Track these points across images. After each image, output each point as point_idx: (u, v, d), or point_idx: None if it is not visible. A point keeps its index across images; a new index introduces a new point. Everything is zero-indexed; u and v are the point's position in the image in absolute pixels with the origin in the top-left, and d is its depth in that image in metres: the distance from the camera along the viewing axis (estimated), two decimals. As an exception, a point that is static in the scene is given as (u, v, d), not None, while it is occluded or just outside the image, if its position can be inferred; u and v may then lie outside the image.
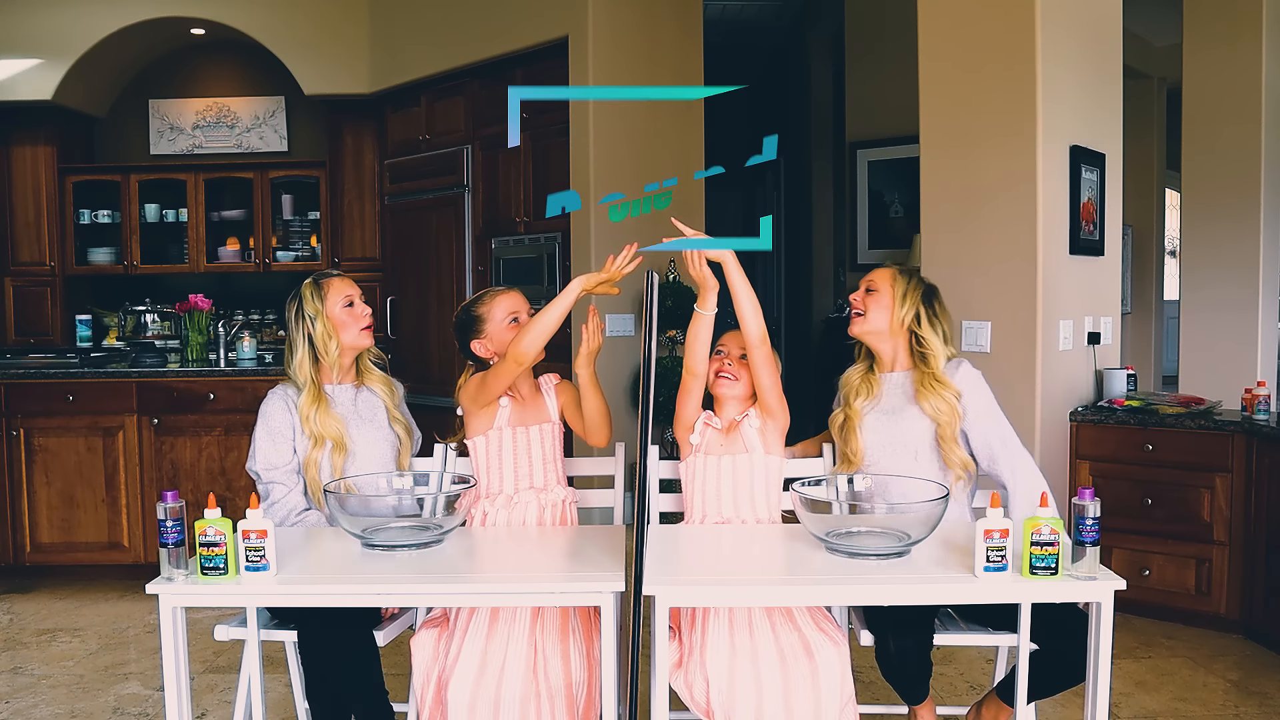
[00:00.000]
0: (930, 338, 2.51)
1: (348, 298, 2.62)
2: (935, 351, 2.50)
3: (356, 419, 2.61)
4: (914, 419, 2.48)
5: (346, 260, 6.61)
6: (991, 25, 3.76)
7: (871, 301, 2.55)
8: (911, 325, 2.52)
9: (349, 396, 2.63)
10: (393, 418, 2.67)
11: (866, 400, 2.54)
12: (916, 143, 4.03)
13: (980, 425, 2.46)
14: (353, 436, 2.57)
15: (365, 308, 2.66)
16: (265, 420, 2.56)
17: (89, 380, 4.49)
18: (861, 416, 2.53)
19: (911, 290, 2.54)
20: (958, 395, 2.45)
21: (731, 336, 2.56)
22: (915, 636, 2.31)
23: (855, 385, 2.58)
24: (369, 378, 2.69)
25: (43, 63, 6.30)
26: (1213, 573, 3.67)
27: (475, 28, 5.69)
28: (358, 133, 6.61)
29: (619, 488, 2.72)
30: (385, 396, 2.68)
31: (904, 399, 2.51)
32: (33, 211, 6.53)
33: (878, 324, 2.55)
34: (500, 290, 2.64)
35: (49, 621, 4.04)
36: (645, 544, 1.92)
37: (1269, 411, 3.65)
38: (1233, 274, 5.12)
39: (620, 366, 5.34)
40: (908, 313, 2.52)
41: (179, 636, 2.03)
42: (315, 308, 2.58)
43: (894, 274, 2.57)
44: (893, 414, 2.51)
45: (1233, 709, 3.09)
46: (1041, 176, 3.68)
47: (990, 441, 2.45)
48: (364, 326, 2.63)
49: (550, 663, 2.30)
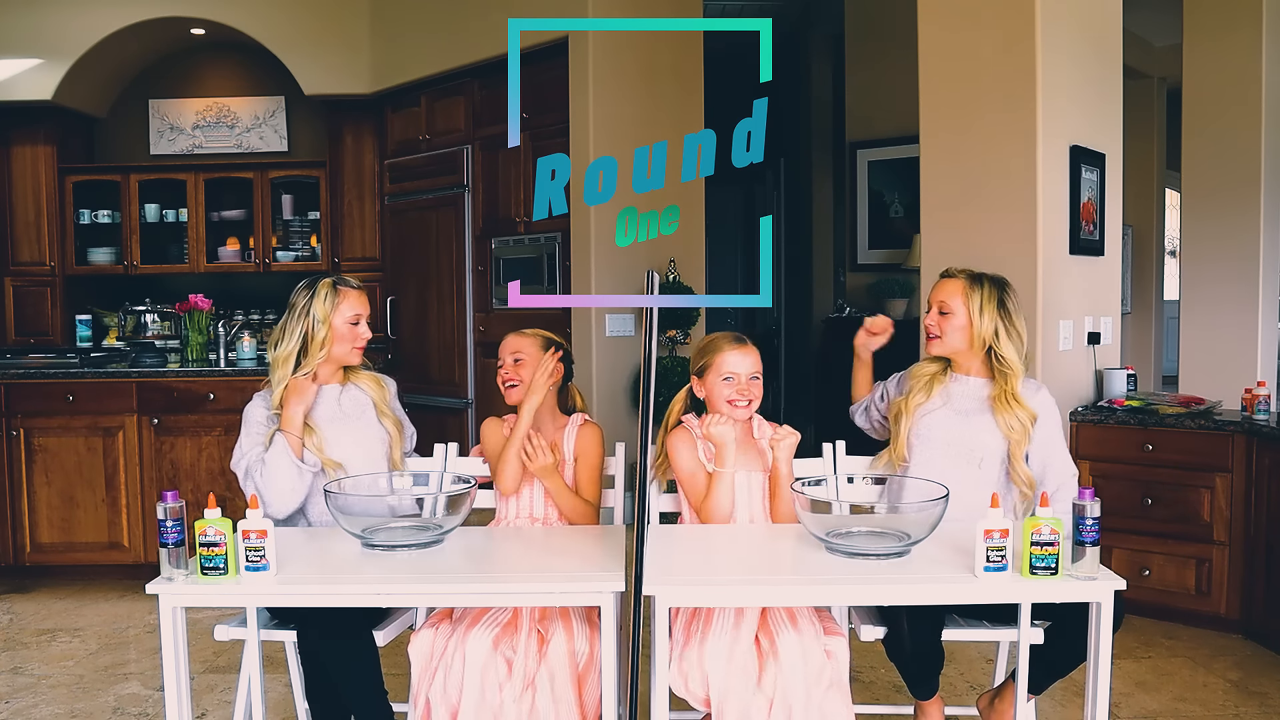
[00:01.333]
0: (1010, 356, 2.49)
1: (357, 316, 2.62)
2: (1014, 370, 2.49)
3: (341, 417, 2.61)
4: (985, 429, 2.49)
5: (346, 260, 6.62)
6: (991, 25, 3.76)
7: (946, 324, 2.51)
8: (990, 341, 2.50)
9: (333, 395, 2.64)
10: (381, 413, 2.67)
11: (929, 398, 2.54)
12: (916, 143, 4.03)
13: (1042, 451, 2.51)
14: (337, 435, 2.58)
15: (368, 331, 2.66)
16: (246, 425, 2.63)
17: (89, 380, 4.48)
18: (928, 409, 2.53)
19: (987, 301, 2.50)
20: (1032, 419, 2.47)
21: (738, 357, 2.46)
22: (929, 625, 2.30)
23: (925, 383, 2.57)
24: (356, 376, 2.69)
25: (43, 63, 6.30)
26: (1213, 573, 3.67)
27: (475, 28, 5.69)
28: (358, 133, 6.61)
29: (619, 488, 2.72)
30: (373, 393, 2.68)
31: (979, 405, 2.52)
32: (33, 211, 6.54)
33: (955, 345, 2.53)
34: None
35: (49, 621, 4.04)
36: (645, 544, 1.92)
37: (1269, 411, 3.65)
38: (1233, 274, 5.12)
39: (620, 366, 5.34)
40: (986, 328, 2.49)
41: (179, 636, 2.03)
42: (325, 311, 2.58)
43: (965, 287, 2.52)
44: (965, 416, 2.51)
45: (1233, 709, 3.09)
46: (1041, 176, 3.69)
47: (1046, 463, 2.51)
48: (358, 346, 2.64)
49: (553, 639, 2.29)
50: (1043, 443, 2.51)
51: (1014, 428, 2.46)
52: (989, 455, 2.49)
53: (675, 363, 5.29)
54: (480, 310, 5.87)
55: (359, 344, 2.64)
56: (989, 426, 2.49)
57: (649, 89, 5.44)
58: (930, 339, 2.56)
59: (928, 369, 2.61)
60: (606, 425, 5.24)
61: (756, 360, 2.49)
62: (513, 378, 2.62)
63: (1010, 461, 2.48)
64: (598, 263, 5.18)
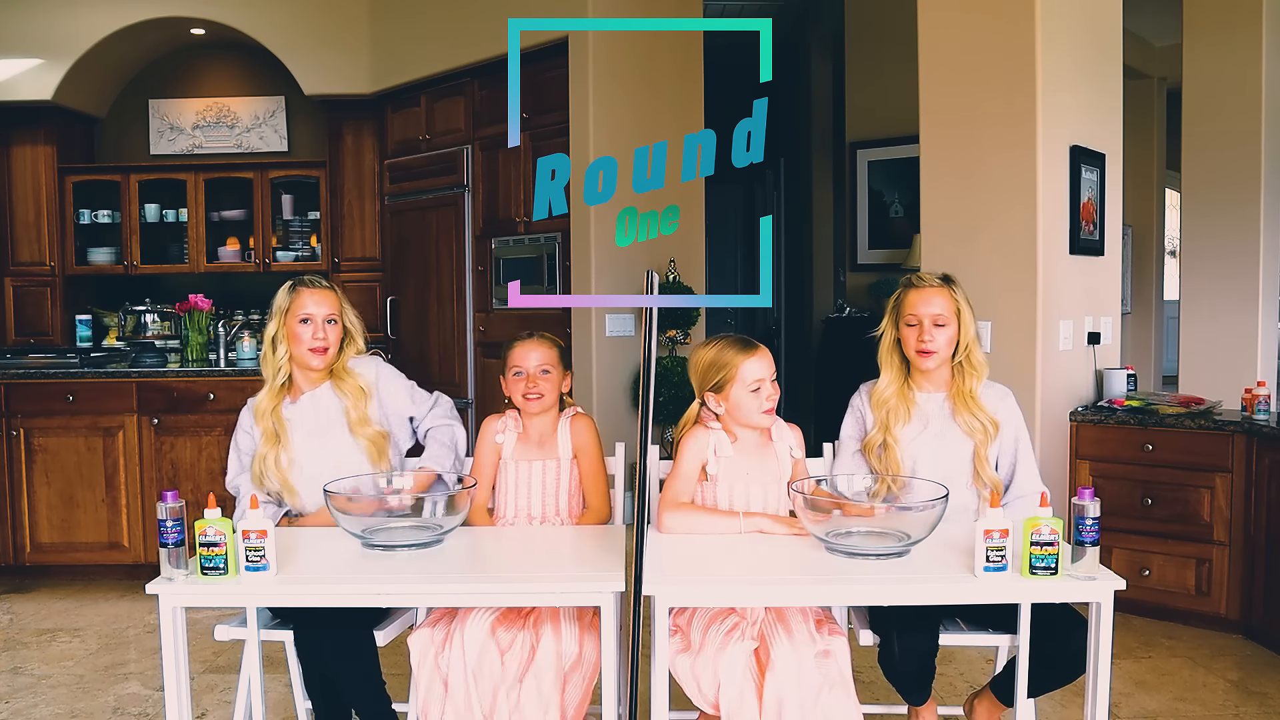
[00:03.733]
0: (980, 358, 2.50)
1: (307, 315, 2.57)
2: (980, 371, 2.50)
3: (318, 430, 2.60)
4: (959, 441, 2.49)
5: (346, 260, 6.61)
6: (992, 26, 3.76)
7: (941, 336, 2.49)
8: (969, 344, 2.50)
9: (311, 405, 2.63)
10: (357, 423, 2.59)
11: (908, 423, 2.50)
12: (916, 142, 4.03)
13: (1010, 459, 2.52)
14: (313, 449, 2.57)
15: (322, 331, 2.57)
16: (234, 437, 2.65)
17: (89, 380, 4.49)
18: (903, 443, 2.49)
19: (965, 302, 2.51)
20: (995, 424, 2.47)
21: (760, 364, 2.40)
22: (920, 637, 2.29)
23: (894, 406, 2.51)
24: (339, 382, 2.63)
25: (43, 63, 6.30)
26: (1213, 573, 3.67)
27: (475, 28, 5.69)
28: (358, 133, 6.60)
29: (619, 488, 2.72)
30: (350, 401, 2.61)
31: (949, 421, 2.51)
32: (33, 211, 6.53)
33: (945, 355, 2.51)
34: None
35: (49, 621, 4.04)
36: (645, 544, 1.92)
37: (1269, 411, 3.65)
38: (1233, 274, 5.12)
39: (620, 366, 5.34)
40: (969, 333, 2.50)
41: (179, 636, 2.03)
42: (280, 309, 2.60)
43: (949, 294, 2.50)
44: (941, 437, 2.50)
45: (1233, 709, 3.09)
46: (1041, 176, 3.68)
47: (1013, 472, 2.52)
48: (312, 348, 2.58)
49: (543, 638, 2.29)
50: (1010, 452, 2.51)
51: (975, 428, 2.47)
52: (964, 466, 2.49)
53: (675, 363, 5.29)
54: (480, 310, 5.87)
55: (313, 346, 2.57)
56: (960, 436, 2.49)
57: (649, 89, 5.44)
58: (926, 355, 2.48)
59: (889, 392, 2.52)
60: (606, 425, 5.28)
61: (771, 360, 2.46)
62: (538, 391, 2.56)
63: (975, 462, 2.47)
64: (598, 263, 5.18)
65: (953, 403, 2.50)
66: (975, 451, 2.47)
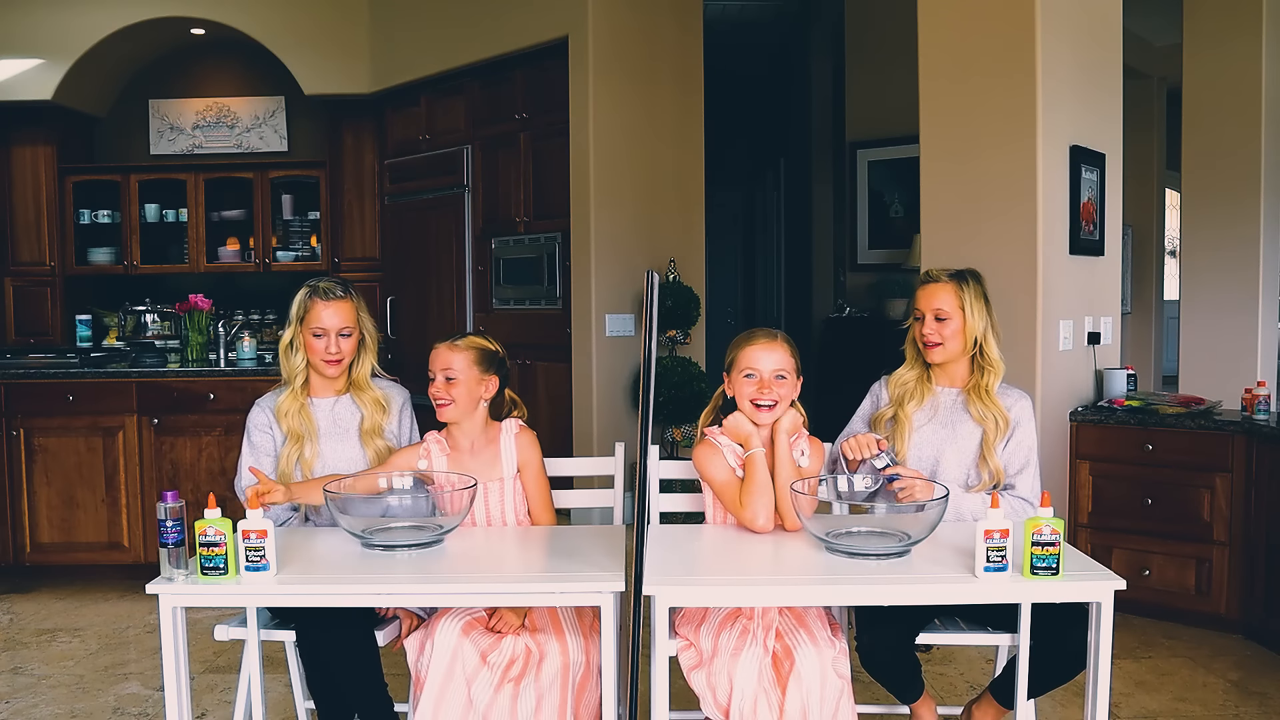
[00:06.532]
0: (995, 354, 2.53)
1: (322, 329, 2.55)
2: (997, 367, 2.52)
3: (332, 432, 2.60)
4: (968, 430, 2.51)
5: (346, 260, 6.62)
6: (992, 25, 3.76)
7: (945, 329, 2.52)
8: (981, 339, 2.52)
9: (327, 408, 2.63)
10: (368, 434, 2.60)
11: (920, 407, 2.54)
12: (916, 143, 4.03)
13: (1016, 459, 2.52)
14: (326, 448, 2.58)
15: (335, 345, 2.56)
16: (247, 435, 2.61)
17: (89, 380, 4.48)
18: (915, 424, 2.53)
19: (975, 299, 2.52)
20: (1006, 420, 2.49)
21: (760, 353, 2.39)
22: (892, 631, 2.27)
23: (911, 389, 2.56)
24: (359, 392, 2.64)
25: (43, 63, 6.30)
26: (1213, 573, 3.67)
27: (475, 28, 5.69)
28: (358, 133, 6.61)
29: (619, 488, 2.72)
30: (366, 411, 2.62)
31: (962, 413, 2.53)
32: (33, 211, 6.54)
33: (953, 350, 2.53)
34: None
35: (49, 621, 4.04)
36: (645, 544, 1.92)
37: (1269, 411, 3.65)
38: (1233, 274, 5.12)
39: (620, 366, 5.34)
40: (978, 327, 2.52)
41: (179, 636, 2.03)
42: (296, 316, 2.59)
43: (955, 289, 2.52)
44: (950, 426, 2.53)
45: (1233, 709, 3.09)
46: (1041, 176, 3.68)
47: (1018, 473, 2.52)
48: (326, 360, 2.57)
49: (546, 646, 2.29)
50: (1015, 453, 2.52)
51: (987, 417, 2.49)
52: (971, 450, 2.50)
53: (675, 363, 5.29)
54: (480, 310, 5.87)
55: (327, 358, 2.57)
56: (970, 433, 2.51)
57: (649, 89, 5.44)
58: (930, 348, 2.54)
59: (911, 374, 2.60)
60: (606, 425, 5.29)
61: (785, 356, 2.40)
62: (443, 397, 2.49)
63: (983, 449, 2.49)
64: (598, 263, 5.18)
65: (967, 395, 2.54)
66: (984, 439, 2.49)
